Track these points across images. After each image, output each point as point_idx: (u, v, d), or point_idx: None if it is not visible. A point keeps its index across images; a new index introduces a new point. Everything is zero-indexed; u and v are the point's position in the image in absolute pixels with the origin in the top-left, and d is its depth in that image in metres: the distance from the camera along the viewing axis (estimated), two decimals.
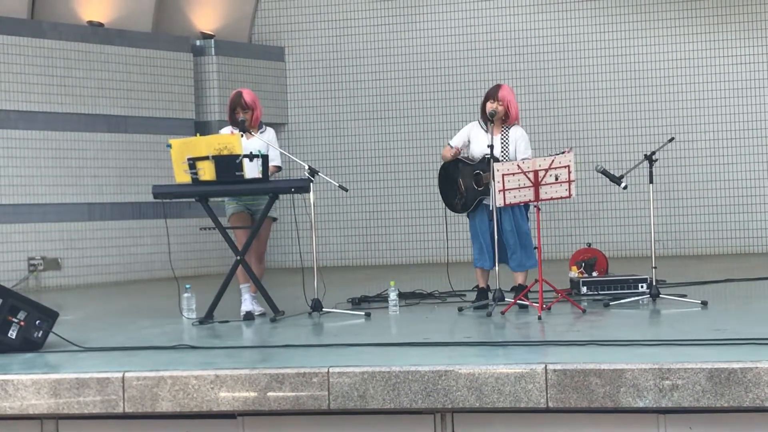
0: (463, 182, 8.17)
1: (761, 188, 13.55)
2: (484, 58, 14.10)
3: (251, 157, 7.75)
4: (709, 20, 13.67)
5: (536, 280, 7.55)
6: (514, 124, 8.18)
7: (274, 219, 8.34)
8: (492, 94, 8.10)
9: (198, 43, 13.84)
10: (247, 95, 8.22)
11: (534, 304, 7.58)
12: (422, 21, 14.35)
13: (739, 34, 13.61)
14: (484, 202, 8.04)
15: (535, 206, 7.66)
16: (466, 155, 8.28)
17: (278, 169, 8.26)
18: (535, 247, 7.90)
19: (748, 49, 13.57)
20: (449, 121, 13.96)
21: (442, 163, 8.41)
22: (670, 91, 13.75)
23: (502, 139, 8.10)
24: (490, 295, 8.05)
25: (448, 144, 8.33)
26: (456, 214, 8.42)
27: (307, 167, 7.93)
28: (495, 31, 14.13)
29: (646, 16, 13.84)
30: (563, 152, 7.61)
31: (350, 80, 14.47)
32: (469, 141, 8.22)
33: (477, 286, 8.33)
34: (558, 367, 5.24)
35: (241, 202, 8.23)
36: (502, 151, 8.04)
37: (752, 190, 13.57)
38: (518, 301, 7.72)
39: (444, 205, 8.43)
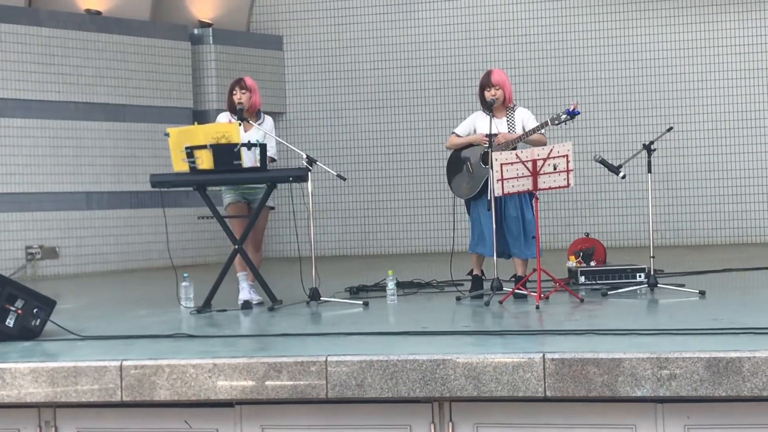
0: (470, 162, 8.14)
1: (759, 178, 13.56)
2: (483, 47, 14.09)
3: (249, 146, 7.75)
4: (707, 9, 13.66)
5: (534, 270, 7.55)
6: (517, 106, 8.17)
7: (272, 208, 8.33)
8: (487, 82, 8.06)
9: (196, 31, 13.82)
10: (248, 79, 8.26)
11: (532, 293, 7.58)
12: (421, 9, 14.33)
13: (738, 23, 13.59)
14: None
15: (534, 196, 7.65)
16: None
17: (273, 160, 8.23)
18: (533, 237, 7.89)
19: (747, 39, 13.56)
20: (448, 111, 13.97)
21: (450, 153, 8.38)
22: (668, 80, 13.74)
23: (508, 121, 8.08)
24: (486, 284, 8.05)
25: (453, 133, 8.31)
26: (461, 202, 8.37)
27: (305, 156, 7.92)
28: (494, 20, 14.11)
29: (644, 5, 13.82)
30: (572, 106, 7.66)
31: (348, 69, 14.46)
32: (475, 129, 8.19)
33: (471, 272, 8.32)
34: (556, 356, 5.24)
35: (239, 192, 8.23)
36: (509, 132, 8.03)
37: (750, 180, 13.58)
38: (516, 291, 7.72)
39: (451, 195, 8.38)
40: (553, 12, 14.00)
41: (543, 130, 7.94)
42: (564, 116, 7.86)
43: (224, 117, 8.30)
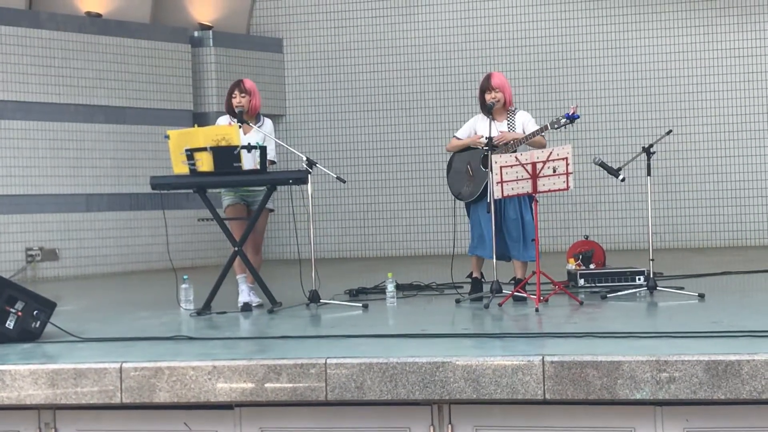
0: (471, 165, 8.15)
1: (758, 181, 13.56)
2: (482, 50, 14.10)
3: (249, 148, 7.75)
4: (706, 12, 13.67)
5: (534, 272, 7.55)
6: (517, 109, 8.18)
7: (271, 210, 8.33)
8: (487, 85, 8.07)
9: (196, 34, 13.83)
10: (247, 82, 8.25)
11: (531, 296, 7.58)
12: (420, 12, 14.33)
13: (737, 27, 13.60)
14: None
15: (533, 198, 7.65)
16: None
17: (272, 163, 8.24)
18: (532, 240, 7.89)
19: (746, 42, 13.58)
20: (447, 113, 13.97)
21: (450, 155, 8.39)
22: (667, 83, 13.75)
23: (509, 124, 8.09)
24: (486, 287, 8.05)
25: (454, 136, 8.32)
26: (462, 205, 8.38)
27: (304, 158, 7.92)
28: (493, 23, 14.12)
29: (644, 8, 13.83)
30: (572, 110, 7.69)
31: (348, 72, 14.46)
32: (475, 132, 8.19)
33: (471, 275, 8.33)
34: (555, 359, 5.25)
35: (238, 194, 8.23)
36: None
37: (750, 183, 13.58)
38: (516, 293, 7.72)
39: (451, 198, 8.38)
40: (552, 15, 14.01)
41: (543, 133, 7.95)
42: (563, 120, 7.86)
43: (224, 120, 8.30)
